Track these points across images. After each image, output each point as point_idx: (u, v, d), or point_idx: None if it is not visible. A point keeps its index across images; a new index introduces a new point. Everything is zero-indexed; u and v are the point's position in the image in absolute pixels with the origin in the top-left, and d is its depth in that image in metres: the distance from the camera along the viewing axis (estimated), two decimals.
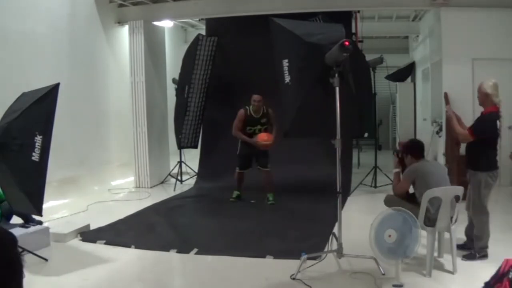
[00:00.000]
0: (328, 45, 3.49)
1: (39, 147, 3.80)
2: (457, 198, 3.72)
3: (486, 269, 3.07)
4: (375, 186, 6.85)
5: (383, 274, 3.55)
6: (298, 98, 3.66)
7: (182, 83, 7.44)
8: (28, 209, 4.14)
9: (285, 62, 3.72)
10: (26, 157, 3.75)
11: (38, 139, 3.81)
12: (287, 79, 3.71)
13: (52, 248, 4.42)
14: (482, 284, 2.61)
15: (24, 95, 4.31)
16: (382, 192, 6.67)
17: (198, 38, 7.38)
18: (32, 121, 3.87)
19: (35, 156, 3.78)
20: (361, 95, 4.32)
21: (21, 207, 4.19)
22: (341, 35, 3.68)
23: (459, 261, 3.73)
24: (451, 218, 3.68)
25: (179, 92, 7.48)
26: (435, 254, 3.82)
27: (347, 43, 3.30)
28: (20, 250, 3.98)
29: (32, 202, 3.85)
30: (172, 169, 7.96)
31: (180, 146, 7.59)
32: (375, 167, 6.95)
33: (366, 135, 6.44)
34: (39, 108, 3.92)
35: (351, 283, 3.56)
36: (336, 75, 3.48)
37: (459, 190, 3.73)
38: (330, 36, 3.59)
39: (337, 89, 3.51)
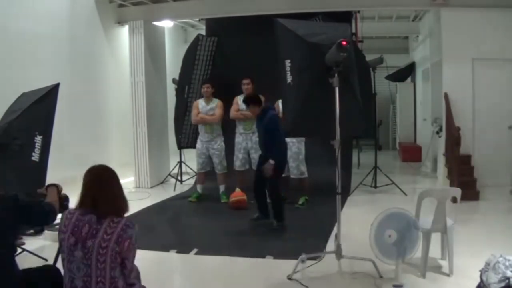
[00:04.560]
0: (330, 45, 3.48)
1: (39, 147, 3.80)
2: (454, 200, 3.71)
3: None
4: (375, 186, 6.85)
5: (381, 277, 3.55)
6: (299, 98, 3.66)
7: (182, 83, 7.44)
8: None
9: (288, 62, 3.73)
10: (26, 157, 3.76)
11: (38, 139, 3.81)
12: (289, 79, 3.72)
13: (52, 248, 4.42)
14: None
15: (24, 95, 4.31)
16: (382, 192, 6.68)
17: (198, 38, 7.38)
18: (32, 121, 3.87)
19: (35, 156, 3.78)
20: (361, 95, 4.32)
21: None
22: (345, 34, 3.67)
23: (456, 263, 3.70)
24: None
25: (179, 92, 7.48)
26: (439, 256, 3.82)
27: (344, 42, 3.30)
28: (20, 250, 3.99)
29: None
30: (172, 169, 7.96)
31: (180, 146, 7.59)
32: (375, 167, 6.94)
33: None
34: (39, 108, 3.93)
35: (351, 283, 3.55)
36: (336, 75, 3.47)
37: (456, 191, 3.72)
38: (333, 36, 3.57)
39: (337, 89, 3.51)
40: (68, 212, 2.22)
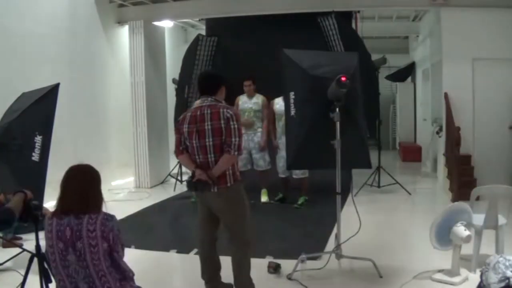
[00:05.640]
0: (333, 78, 3.43)
1: (39, 147, 3.80)
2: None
3: None
4: (379, 186, 6.84)
5: (381, 277, 3.56)
6: (301, 131, 3.64)
7: (182, 83, 7.43)
8: None
9: (292, 95, 3.72)
10: (26, 157, 3.75)
11: (38, 139, 3.81)
12: (293, 111, 3.71)
13: None
14: None
15: (24, 95, 4.31)
16: (386, 193, 6.68)
17: (198, 38, 7.38)
18: (32, 121, 3.87)
19: (35, 156, 3.78)
20: (367, 95, 4.27)
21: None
22: (350, 66, 3.63)
23: None
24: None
25: (179, 92, 7.48)
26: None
27: (343, 78, 3.27)
28: (20, 250, 3.99)
29: None
30: (172, 169, 7.96)
31: None
32: (379, 167, 6.93)
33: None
34: (39, 108, 3.92)
35: (351, 283, 3.56)
36: (337, 109, 3.46)
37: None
38: (337, 68, 3.50)
39: (338, 123, 3.51)
40: (48, 218, 2.20)
